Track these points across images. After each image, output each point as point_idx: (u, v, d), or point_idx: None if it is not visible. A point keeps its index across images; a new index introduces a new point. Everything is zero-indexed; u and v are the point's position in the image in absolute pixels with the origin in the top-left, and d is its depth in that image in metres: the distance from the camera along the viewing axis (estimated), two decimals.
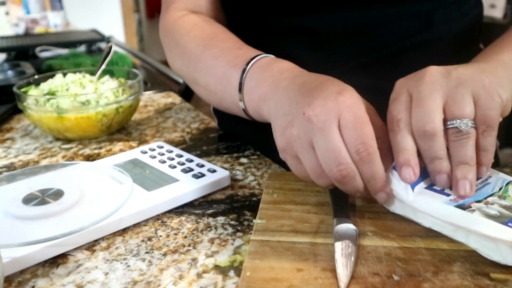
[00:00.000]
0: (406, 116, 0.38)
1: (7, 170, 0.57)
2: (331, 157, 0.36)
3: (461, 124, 0.36)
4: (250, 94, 0.47)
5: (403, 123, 0.38)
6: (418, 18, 0.55)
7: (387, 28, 0.55)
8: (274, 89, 0.44)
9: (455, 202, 0.36)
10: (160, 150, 0.57)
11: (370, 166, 0.36)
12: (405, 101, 0.38)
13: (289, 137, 0.39)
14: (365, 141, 0.36)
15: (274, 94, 0.43)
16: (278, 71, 0.45)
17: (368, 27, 0.55)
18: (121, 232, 0.42)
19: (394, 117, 0.38)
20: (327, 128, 0.36)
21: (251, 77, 0.47)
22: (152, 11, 4.85)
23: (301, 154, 0.38)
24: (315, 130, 0.37)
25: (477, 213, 0.34)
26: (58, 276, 0.36)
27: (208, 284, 0.34)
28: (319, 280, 0.31)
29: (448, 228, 0.36)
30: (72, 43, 1.46)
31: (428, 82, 0.38)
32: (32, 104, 0.64)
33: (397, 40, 0.55)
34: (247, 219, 0.43)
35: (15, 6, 2.43)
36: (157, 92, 0.92)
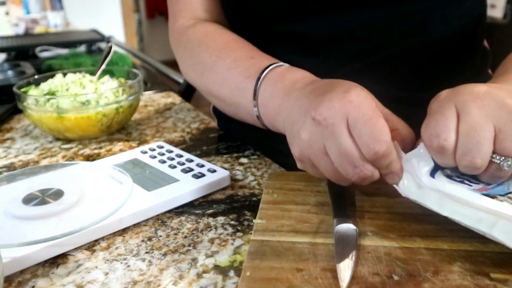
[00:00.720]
0: (452, 137, 0.34)
1: (7, 170, 0.57)
2: (345, 161, 0.36)
3: (504, 163, 0.34)
4: (265, 107, 0.47)
5: (449, 145, 0.34)
6: (413, 19, 0.54)
7: (381, 30, 0.54)
8: (287, 101, 0.43)
9: (480, 191, 0.35)
10: (160, 150, 0.57)
11: (386, 161, 0.35)
12: (453, 119, 0.35)
13: (301, 146, 0.38)
14: (377, 137, 0.34)
15: (287, 106, 0.43)
16: (291, 82, 0.45)
17: (361, 31, 0.54)
18: (121, 232, 0.42)
19: (438, 135, 0.35)
20: (336, 131, 0.35)
21: (264, 89, 0.47)
22: (152, 11, 4.85)
23: (316, 161, 0.38)
24: (325, 135, 0.36)
25: (505, 203, 0.33)
26: (58, 276, 0.36)
27: (208, 284, 0.34)
28: (319, 280, 0.31)
29: (470, 217, 0.34)
30: (72, 43, 1.46)
31: (482, 108, 0.34)
32: (32, 104, 0.64)
33: (392, 43, 0.54)
34: (247, 219, 0.43)
35: (15, 6, 2.43)
36: (157, 92, 0.92)
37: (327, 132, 0.36)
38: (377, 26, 0.54)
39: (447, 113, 0.35)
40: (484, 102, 0.34)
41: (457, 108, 0.35)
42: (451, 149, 0.35)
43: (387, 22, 0.54)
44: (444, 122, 0.35)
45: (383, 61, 0.55)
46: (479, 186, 0.37)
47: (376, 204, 0.41)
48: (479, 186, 0.37)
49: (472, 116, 0.34)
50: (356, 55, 0.55)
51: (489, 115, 0.34)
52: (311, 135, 0.37)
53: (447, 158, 0.35)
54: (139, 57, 1.41)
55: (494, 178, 0.36)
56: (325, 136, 0.36)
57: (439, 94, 0.38)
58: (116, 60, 1.04)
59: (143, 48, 4.69)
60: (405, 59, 0.55)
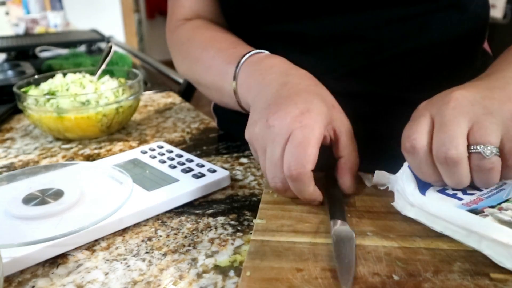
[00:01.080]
0: (423, 138, 0.36)
1: (7, 170, 0.57)
2: (270, 168, 0.40)
3: (484, 149, 0.34)
4: (241, 86, 0.50)
5: (418, 143, 0.36)
6: (412, 22, 0.54)
7: (379, 32, 0.54)
8: (260, 82, 0.46)
9: (467, 206, 0.35)
10: (160, 150, 0.57)
11: (298, 184, 0.39)
12: (426, 124, 0.37)
13: (251, 135, 0.42)
14: (299, 161, 0.38)
15: (258, 87, 0.46)
16: (267, 65, 0.48)
17: (359, 32, 0.54)
18: (121, 232, 0.42)
19: (409, 136, 0.37)
20: (276, 141, 0.39)
21: (243, 71, 0.49)
22: (152, 11, 4.85)
23: (257, 153, 0.42)
24: (268, 140, 0.40)
25: (490, 218, 0.34)
26: (58, 276, 0.36)
27: (208, 284, 0.34)
28: (319, 280, 0.31)
29: (460, 233, 0.35)
30: (72, 43, 1.46)
31: (454, 107, 0.36)
32: (32, 104, 0.64)
33: (390, 45, 0.54)
34: (247, 219, 0.43)
35: (15, 6, 2.43)
36: (157, 92, 0.92)
37: (271, 138, 0.40)
38: (375, 27, 0.54)
39: (420, 119, 0.37)
40: (457, 102, 0.36)
41: (432, 114, 0.37)
42: (422, 148, 0.36)
43: (385, 24, 0.54)
44: (416, 126, 0.37)
45: (381, 62, 0.55)
46: (471, 198, 0.37)
47: (376, 204, 0.41)
48: (471, 198, 0.37)
49: (445, 116, 0.36)
50: (352, 56, 0.55)
51: (462, 112, 0.36)
52: (261, 132, 0.41)
53: (419, 158, 0.37)
54: (139, 57, 1.41)
55: (484, 174, 0.35)
56: (268, 140, 0.40)
57: (418, 106, 0.40)
58: (116, 60, 1.04)
59: (143, 48, 4.69)
60: (404, 61, 0.55)
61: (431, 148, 0.36)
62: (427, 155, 0.36)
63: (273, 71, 0.46)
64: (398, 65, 0.55)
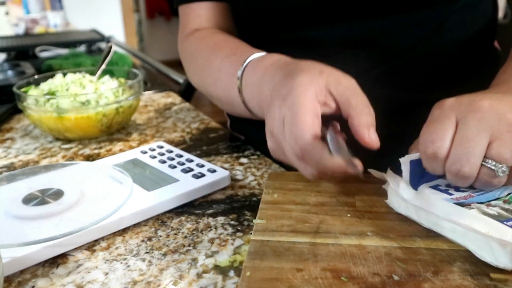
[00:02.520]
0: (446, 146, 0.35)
1: (7, 170, 0.57)
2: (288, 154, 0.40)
3: (498, 168, 0.34)
4: (251, 102, 0.49)
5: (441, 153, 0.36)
6: (427, 25, 0.54)
7: (395, 37, 0.54)
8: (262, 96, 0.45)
9: (455, 200, 0.36)
10: (160, 150, 0.57)
11: (310, 158, 0.37)
12: (450, 129, 0.36)
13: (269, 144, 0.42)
14: (296, 135, 0.37)
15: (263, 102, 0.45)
16: (261, 73, 0.46)
17: (375, 37, 0.54)
18: (121, 232, 0.42)
19: (433, 141, 0.36)
20: (275, 132, 0.40)
21: (245, 86, 0.49)
22: (152, 11, 4.85)
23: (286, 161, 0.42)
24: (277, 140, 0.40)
25: (475, 210, 0.34)
26: (58, 276, 0.36)
27: (208, 284, 0.34)
28: (319, 280, 0.31)
29: (447, 229, 0.35)
30: (72, 43, 1.46)
31: (479, 120, 0.35)
32: (32, 104, 0.64)
33: (406, 48, 0.54)
34: (247, 219, 0.43)
35: (15, 6, 2.43)
36: (157, 92, 0.92)
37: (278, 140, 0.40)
38: (391, 32, 0.54)
39: (446, 122, 0.36)
40: (484, 114, 0.35)
41: (457, 118, 0.36)
42: (443, 157, 0.36)
43: (401, 28, 0.54)
44: (441, 131, 0.36)
45: (398, 66, 0.55)
46: (463, 194, 0.37)
47: (376, 204, 0.41)
48: (463, 194, 0.37)
49: (468, 128, 0.35)
50: (371, 60, 0.55)
51: (486, 127, 0.35)
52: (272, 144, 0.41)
53: (437, 165, 0.36)
54: (139, 57, 1.41)
55: (487, 185, 0.36)
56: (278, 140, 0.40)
57: (444, 101, 0.38)
58: (116, 60, 1.04)
59: (143, 48, 4.68)
60: (419, 64, 0.55)
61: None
62: (445, 161, 0.36)
63: (267, 79, 0.45)
64: (413, 68, 0.56)
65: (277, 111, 0.39)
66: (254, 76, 0.47)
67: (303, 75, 0.40)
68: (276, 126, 0.39)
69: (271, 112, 0.40)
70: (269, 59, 0.47)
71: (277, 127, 0.39)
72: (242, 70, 0.49)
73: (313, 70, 0.40)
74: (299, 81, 0.39)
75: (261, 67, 0.47)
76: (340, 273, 0.32)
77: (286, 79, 0.41)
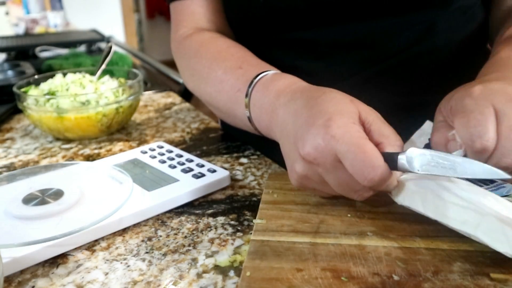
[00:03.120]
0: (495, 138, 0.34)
1: (7, 170, 0.57)
2: (345, 189, 0.37)
3: None
4: (259, 122, 0.48)
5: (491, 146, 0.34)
6: (420, 27, 0.54)
7: (387, 39, 0.54)
8: (275, 119, 0.44)
9: None
10: (160, 150, 0.57)
11: (383, 184, 0.35)
12: (494, 120, 0.35)
13: (299, 180, 0.39)
14: (370, 164, 0.34)
15: (276, 125, 0.43)
16: (275, 95, 0.45)
17: (368, 39, 0.54)
18: (121, 232, 0.42)
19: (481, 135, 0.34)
20: (329, 167, 0.36)
21: (254, 104, 0.47)
22: (152, 11, 4.86)
23: (318, 188, 0.40)
24: (319, 171, 0.37)
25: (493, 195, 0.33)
26: (58, 276, 0.36)
27: (208, 284, 0.34)
28: (319, 280, 0.31)
29: (456, 220, 0.34)
30: (72, 43, 1.46)
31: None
32: (32, 104, 0.64)
33: (399, 50, 0.55)
34: (247, 219, 0.43)
35: (15, 6, 2.43)
36: (157, 92, 0.92)
37: (320, 169, 0.37)
38: (384, 34, 0.54)
39: (486, 113, 0.35)
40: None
41: (495, 108, 0.35)
42: (492, 150, 0.34)
43: (394, 30, 0.54)
44: (485, 123, 0.34)
45: (390, 68, 0.55)
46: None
47: (376, 204, 0.41)
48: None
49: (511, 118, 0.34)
50: (364, 62, 0.55)
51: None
52: (306, 171, 0.38)
53: (484, 158, 0.35)
54: (139, 57, 1.41)
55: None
56: (320, 172, 0.37)
57: (471, 90, 0.37)
58: (116, 60, 1.04)
59: (143, 48, 4.69)
60: (412, 66, 0.56)
61: None
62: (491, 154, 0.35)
63: (282, 102, 0.43)
64: (405, 70, 0.56)
65: (320, 142, 0.36)
66: (265, 96, 0.46)
67: (337, 104, 0.38)
68: (322, 157, 0.36)
69: (309, 142, 0.36)
70: (282, 80, 0.46)
71: (323, 157, 0.36)
72: (251, 87, 0.47)
73: (344, 99, 0.38)
74: (334, 109, 0.37)
75: (274, 89, 0.45)
76: (340, 273, 0.32)
77: (315, 107, 0.38)
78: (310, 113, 0.38)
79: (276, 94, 0.44)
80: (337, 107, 0.37)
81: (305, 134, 0.37)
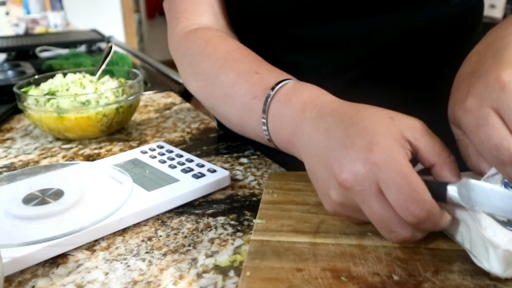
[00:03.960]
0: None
1: (7, 170, 0.57)
2: (381, 226, 0.33)
3: None
4: (277, 134, 0.43)
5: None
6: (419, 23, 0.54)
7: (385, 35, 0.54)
8: (300, 134, 0.40)
9: None
10: (160, 150, 0.57)
11: (430, 222, 0.32)
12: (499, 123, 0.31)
13: (334, 206, 0.36)
14: (416, 199, 0.31)
15: (301, 141, 0.39)
16: (299, 108, 0.40)
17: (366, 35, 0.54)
18: (121, 232, 0.42)
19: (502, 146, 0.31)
20: (367, 197, 0.32)
21: (273, 115, 0.43)
22: (152, 11, 4.86)
23: (354, 215, 0.36)
24: (357, 199, 0.33)
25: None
26: (58, 276, 0.36)
27: (208, 284, 0.34)
28: (319, 280, 0.31)
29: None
30: (72, 43, 1.46)
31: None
32: (32, 104, 0.64)
33: (396, 46, 0.55)
34: (247, 219, 0.43)
35: (15, 6, 2.43)
36: (157, 92, 0.92)
37: (358, 198, 0.33)
38: (383, 30, 0.54)
39: (491, 121, 0.31)
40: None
41: (494, 108, 0.32)
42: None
43: (393, 26, 0.54)
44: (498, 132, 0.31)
45: (387, 64, 0.55)
46: None
47: None
48: None
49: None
50: (361, 58, 0.56)
51: None
52: (342, 198, 0.34)
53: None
54: (139, 57, 1.41)
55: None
56: (357, 200, 0.33)
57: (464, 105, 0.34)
58: (116, 60, 1.04)
59: (143, 48, 4.69)
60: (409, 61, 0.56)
61: None
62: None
63: (308, 116, 0.39)
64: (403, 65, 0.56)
65: (361, 168, 0.32)
66: (288, 108, 0.41)
67: (377, 123, 0.34)
68: (361, 185, 0.32)
69: (348, 166, 0.33)
70: (308, 91, 0.42)
71: (362, 186, 0.32)
72: (271, 96, 0.43)
73: (385, 117, 0.35)
74: (375, 130, 0.33)
75: (298, 100, 0.41)
76: (340, 273, 0.32)
77: (352, 127, 0.34)
78: (347, 133, 0.34)
79: (301, 107, 0.40)
80: (378, 126, 0.34)
81: (342, 157, 0.33)
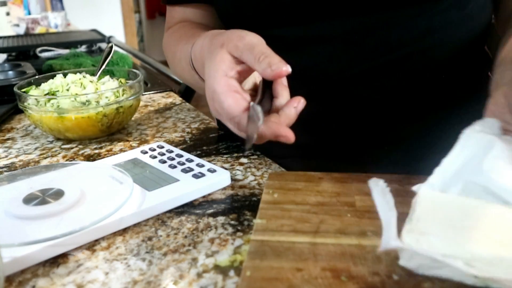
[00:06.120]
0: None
1: (8, 170, 0.57)
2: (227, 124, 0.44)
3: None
4: (195, 62, 0.53)
5: None
6: (411, 26, 0.53)
7: (380, 35, 0.53)
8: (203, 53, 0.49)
9: None
10: (160, 150, 0.57)
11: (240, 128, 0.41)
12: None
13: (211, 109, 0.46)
14: (228, 113, 0.41)
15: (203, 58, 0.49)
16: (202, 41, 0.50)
17: (357, 35, 0.53)
18: (121, 232, 0.42)
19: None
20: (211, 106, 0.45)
21: (194, 50, 0.53)
22: (152, 12, 4.86)
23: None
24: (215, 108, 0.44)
25: None
26: (58, 276, 0.36)
27: (208, 284, 0.34)
28: (319, 280, 0.31)
29: None
30: (72, 44, 1.46)
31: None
32: (32, 104, 0.64)
33: (392, 48, 0.53)
34: (247, 219, 0.43)
35: (16, 6, 2.43)
36: (157, 92, 0.92)
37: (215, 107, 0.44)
38: (374, 31, 0.53)
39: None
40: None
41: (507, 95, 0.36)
42: None
43: (385, 27, 0.53)
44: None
45: (380, 67, 0.54)
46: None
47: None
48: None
49: None
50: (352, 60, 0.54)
51: None
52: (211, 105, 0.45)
53: None
54: (140, 57, 1.41)
55: None
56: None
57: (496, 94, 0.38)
58: (117, 60, 1.04)
59: (143, 48, 4.69)
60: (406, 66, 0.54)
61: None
62: None
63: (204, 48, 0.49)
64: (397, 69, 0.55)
65: (207, 87, 0.44)
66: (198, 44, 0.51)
67: (211, 54, 0.44)
68: (209, 98, 0.44)
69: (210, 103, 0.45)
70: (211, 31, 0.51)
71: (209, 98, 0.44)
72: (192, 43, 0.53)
73: (216, 46, 0.43)
74: (209, 62, 0.44)
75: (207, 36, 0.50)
76: (340, 273, 0.32)
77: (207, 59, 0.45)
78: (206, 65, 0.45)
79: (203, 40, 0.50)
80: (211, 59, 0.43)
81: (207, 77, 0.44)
